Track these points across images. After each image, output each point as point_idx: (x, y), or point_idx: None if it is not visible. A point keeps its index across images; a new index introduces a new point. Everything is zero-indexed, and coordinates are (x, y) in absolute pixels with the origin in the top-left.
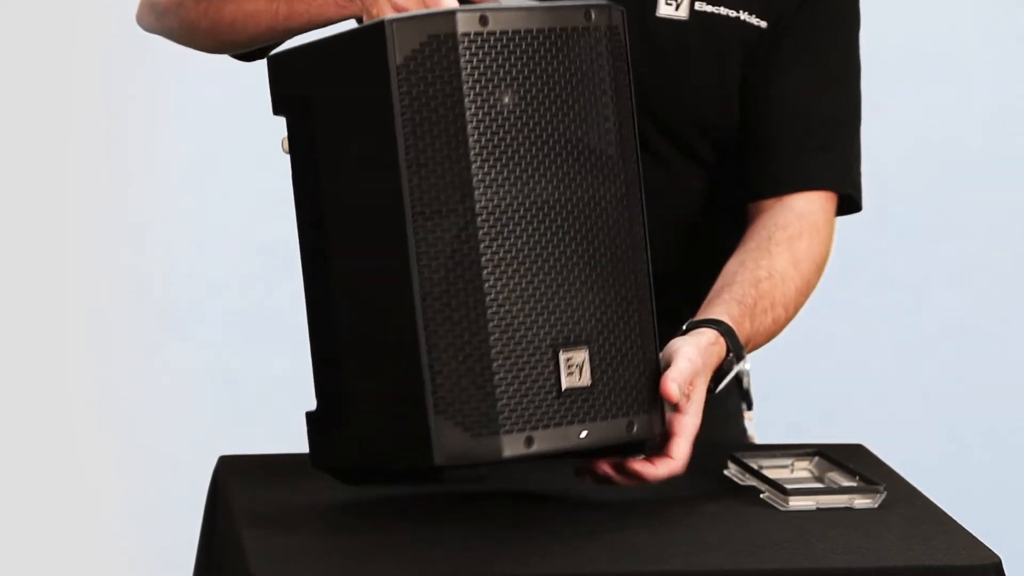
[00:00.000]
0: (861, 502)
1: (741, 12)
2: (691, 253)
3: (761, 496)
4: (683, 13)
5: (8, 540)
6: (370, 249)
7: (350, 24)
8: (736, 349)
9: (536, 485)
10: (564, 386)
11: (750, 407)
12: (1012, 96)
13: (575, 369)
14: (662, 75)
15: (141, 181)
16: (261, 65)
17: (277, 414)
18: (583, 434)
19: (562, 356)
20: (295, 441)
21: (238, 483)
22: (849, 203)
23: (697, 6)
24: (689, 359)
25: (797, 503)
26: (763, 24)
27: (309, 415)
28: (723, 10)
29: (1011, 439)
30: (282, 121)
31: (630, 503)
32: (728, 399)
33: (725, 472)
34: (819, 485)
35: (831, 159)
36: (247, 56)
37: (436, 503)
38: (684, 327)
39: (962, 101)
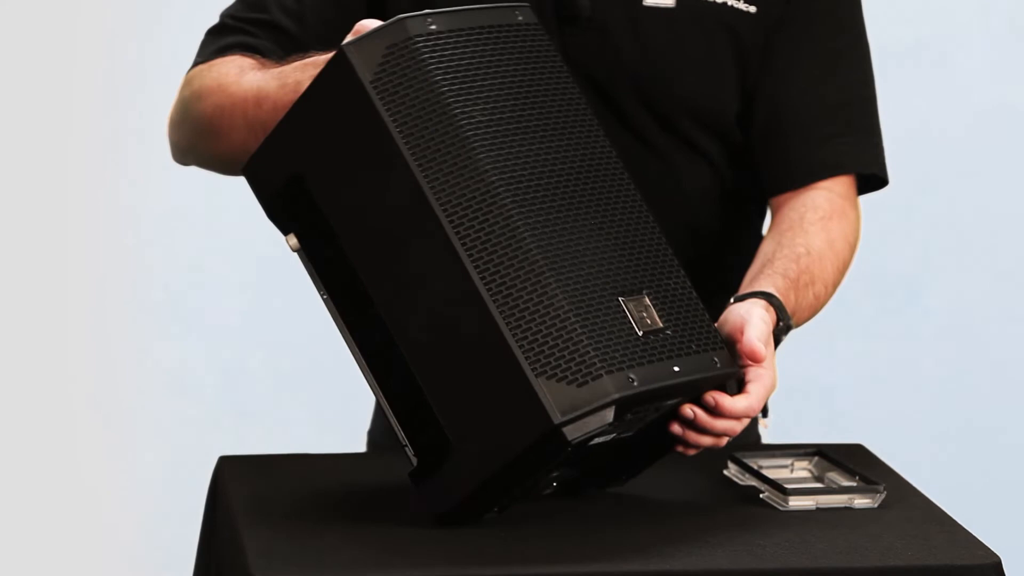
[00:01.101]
0: (861, 502)
1: None
2: (700, 255)
3: (761, 496)
4: (670, 0)
5: (8, 540)
6: (413, 271)
7: None
8: (784, 319)
9: None
10: (640, 330)
11: (765, 414)
12: (1010, 93)
13: (644, 313)
14: (653, 64)
15: (142, 181)
16: None
17: (277, 414)
18: (676, 368)
19: (627, 304)
20: (295, 441)
21: (238, 483)
22: (875, 180)
23: None
24: (763, 319)
25: (797, 503)
26: (752, 10)
27: (412, 474)
28: None
29: (1011, 439)
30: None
31: (631, 502)
32: None
33: (725, 472)
34: (819, 485)
35: (849, 142)
36: None
37: None
38: (732, 300)
39: (962, 100)
